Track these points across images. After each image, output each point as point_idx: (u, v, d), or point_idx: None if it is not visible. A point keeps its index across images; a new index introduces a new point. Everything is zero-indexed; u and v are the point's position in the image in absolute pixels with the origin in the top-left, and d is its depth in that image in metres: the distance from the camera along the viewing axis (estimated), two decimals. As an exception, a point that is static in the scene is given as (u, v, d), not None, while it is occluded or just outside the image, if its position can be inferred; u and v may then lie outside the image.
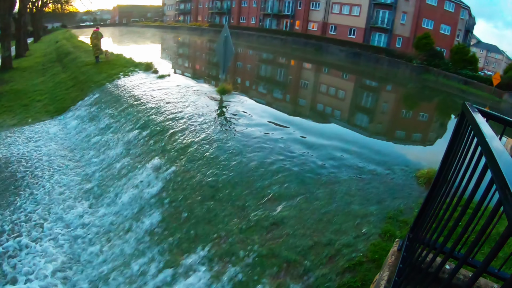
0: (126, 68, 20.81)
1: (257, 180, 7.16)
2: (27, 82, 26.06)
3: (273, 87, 21.50)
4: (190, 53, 43.68)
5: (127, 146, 10.82)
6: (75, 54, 31.16)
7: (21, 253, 7.49)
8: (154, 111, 12.18)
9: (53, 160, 12.07)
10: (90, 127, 14.00)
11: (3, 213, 8.97)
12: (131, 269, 6.44)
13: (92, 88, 18.50)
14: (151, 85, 16.15)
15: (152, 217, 7.42)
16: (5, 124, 16.78)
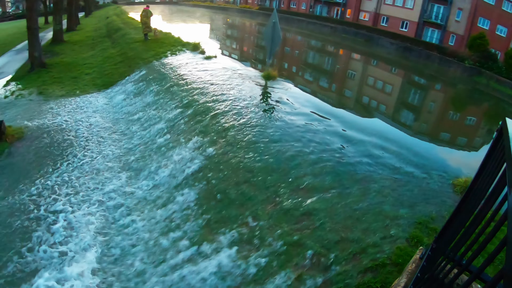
0: (174, 47, 21.05)
1: (293, 169, 7.15)
2: (77, 55, 26.85)
3: (319, 76, 21.26)
4: (238, 35, 43.63)
5: (170, 124, 11.02)
6: (124, 31, 31.74)
7: (63, 214, 7.95)
8: (198, 92, 12.31)
9: (97, 131, 12.50)
10: (135, 103, 14.35)
11: (49, 177, 9.52)
12: (161, 242, 6.65)
13: (139, 64, 18.89)
14: (197, 66, 16.28)
15: (188, 194, 7.59)
16: (54, 94, 17.50)
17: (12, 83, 20.88)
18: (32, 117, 14.35)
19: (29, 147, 11.63)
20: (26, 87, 19.42)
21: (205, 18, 66.19)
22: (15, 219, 8.04)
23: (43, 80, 20.38)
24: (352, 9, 54.06)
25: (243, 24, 60.55)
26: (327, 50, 38.33)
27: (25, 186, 9.34)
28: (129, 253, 6.69)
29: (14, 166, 10.58)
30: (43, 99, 16.99)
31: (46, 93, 17.91)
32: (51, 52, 27.78)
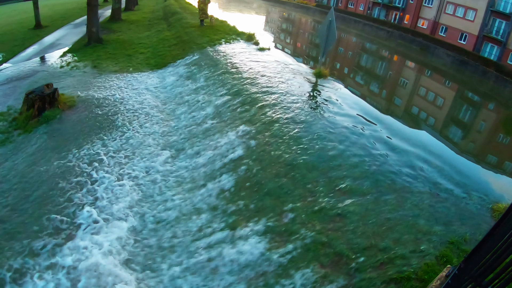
0: (228, 36, 21.26)
1: (333, 169, 7.15)
2: (133, 34, 27.60)
3: (370, 80, 20.99)
4: (293, 30, 43.59)
5: (217, 109, 11.21)
6: (181, 15, 32.26)
7: (104, 182, 8.43)
8: (248, 82, 12.43)
9: (146, 108, 12.89)
10: (186, 85, 14.64)
11: (95, 145, 10.08)
12: (195, 221, 6.88)
13: (193, 49, 19.19)
14: (250, 56, 16.40)
15: (227, 180, 7.74)
16: (107, 69, 18.17)
17: (69, 54, 21.87)
18: (85, 88, 14.99)
19: (79, 115, 12.21)
20: (81, 60, 20.27)
21: (261, 10, 66.31)
22: (59, 180, 8.57)
23: (98, 55, 21.19)
24: (410, 15, 52.15)
25: (299, 19, 60.32)
26: (381, 54, 37.65)
27: (71, 151, 9.91)
28: (162, 228, 6.98)
29: (63, 132, 11.20)
30: (97, 73, 17.69)
31: (100, 67, 18.62)
32: (108, 29, 28.75)
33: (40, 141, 10.81)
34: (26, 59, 22.80)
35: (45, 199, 7.94)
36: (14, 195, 8.27)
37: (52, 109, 12.32)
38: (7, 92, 16.30)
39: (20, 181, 8.80)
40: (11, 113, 13.03)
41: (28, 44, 27.27)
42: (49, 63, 21.03)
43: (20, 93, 15.12)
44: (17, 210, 7.70)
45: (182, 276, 5.80)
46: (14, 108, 13.37)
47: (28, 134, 11.32)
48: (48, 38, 29.67)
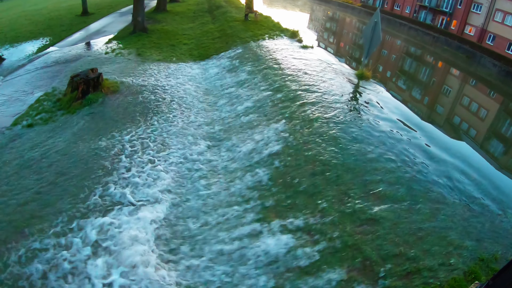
0: (272, 31, 21.35)
1: (369, 173, 7.11)
2: (177, 25, 28.03)
3: (412, 85, 20.59)
4: (336, 29, 43.18)
5: (258, 104, 11.33)
6: (226, 8, 32.55)
7: (141, 165, 8.76)
8: (290, 78, 12.48)
9: (187, 97, 13.15)
10: (227, 78, 14.83)
11: (135, 130, 10.46)
12: (227, 212, 6.99)
13: (236, 43, 19.42)
14: (293, 53, 16.40)
15: (263, 174, 7.81)
16: (151, 58, 18.57)
17: (114, 42, 22.54)
18: (128, 74, 15.45)
19: (122, 100, 12.62)
20: (126, 47, 20.81)
21: (305, 7, 65.95)
22: (97, 161, 8.94)
23: (143, 43, 21.70)
24: (458, 20, 50.05)
25: (343, 19, 59.61)
26: (425, 60, 36.70)
27: (111, 134, 10.28)
28: (194, 215, 7.13)
29: (105, 115, 11.63)
30: (141, 60, 18.14)
31: (144, 55, 19.07)
32: (153, 19, 29.35)
33: (82, 122, 11.27)
34: (72, 44, 23.69)
35: (82, 177, 8.30)
36: (54, 171, 8.70)
37: (96, 93, 12.81)
38: (53, 74, 17.07)
39: (60, 159, 9.24)
40: (55, 94, 13.65)
41: (74, 30, 28.32)
42: (94, 49, 21.74)
43: (65, 76, 15.83)
44: (56, 185, 8.12)
45: (208, 265, 5.92)
46: (59, 89, 14.00)
47: (70, 115, 11.82)
48: (94, 25, 30.66)
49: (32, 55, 21.74)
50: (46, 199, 7.63)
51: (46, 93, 13.87)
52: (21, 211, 7.32)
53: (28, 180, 8.44)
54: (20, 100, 14.07)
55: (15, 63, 20.18)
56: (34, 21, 33.78)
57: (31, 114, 12.16)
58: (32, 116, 12.01)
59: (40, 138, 10.57)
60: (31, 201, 7.66)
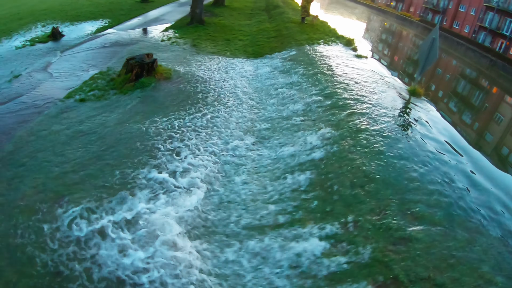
0: (328, 37, 21.30)
1: (409, 191, 7.02)
2: (234, 21, 28.53)
3: (463, 108, 20.03)
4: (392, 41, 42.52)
5: (307, 107, 11.39)
6: (283, 9, 32.70)
7: (184, 153, 9.03)
8: (341, 86, 12.46)
9: (238, 93, 13.45)
10: (279, 78, 14.94)
11: (183, 117, 10.86)
12: (262, 209, 7.11)
13: (291, 44, 19.51)
14: (346, 61, 16.35)
15: (303, 177, 7.85)
16: (205, 50, 19.04)
17: (170, 30, 23.26)
18: (182, 63, 15.95)
19: (173, 87, 13.06)
20: (182, 37, 21.42)
21: (362, 16, 65.29)
22: (143, 142, 9.32)
23: (199, 35, 22.28)
24: None
25: (399, 31, 58.58)
26: (480, 83, 35.49)
27: (159, 118, 10.66)
28: (229, 208, 7.32)
29: (155, 99, 12.07)
30: (195, 51, 18.61)
31: (199, 47, 19.56)
32: (211, 13, 30.06)
33: (132, 103, 11.76)
34: (130, 29, 24.61)
35: (126, 155, 8.72)
36: (100, 146, 9.19)
37: (149, 77, 13.32)
38: (109, 55, 17.82)
39: (108, 135, 9.72)
40: (109, 74, 14.32)
41: (133, 15, 29.44)
42: (150, 35, 22.49)
43: (120, 58, 16.58)
44: (99, 159, 8.57)
45: (236, 258, 6.06)
46: (113, 69, 14.68)
47: (122, 95, 12.36)
48: (152, 12, 31.72)
49: (90, 35, 22.70)
50: (89, 172, 8.09)
51: (100, 72, 14.55)
52: (63, 178, 7.83)
53: (75, 151, 8.96)
54: (75, 76, 14.78)
55: (73, 41, 21.12)
56: (95, 3, 35.19)
57: (84, 90, 12.80)
58: (85, 92, 12.64)
59: (90, 113, 11.11)
60: (74, 170, 8.14)
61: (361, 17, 62.09)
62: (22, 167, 8.32)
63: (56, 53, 18.49)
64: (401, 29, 61.95)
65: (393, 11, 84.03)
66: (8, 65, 16.13)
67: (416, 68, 14.85)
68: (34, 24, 25.44)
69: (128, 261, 5.74)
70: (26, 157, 8.73)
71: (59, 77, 14.62)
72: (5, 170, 8.21)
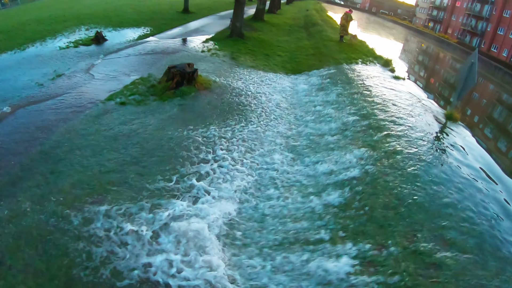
0: (366, 57, 21.52)
1: (442, 217, 7.02)
2: (272, 36, 28.88)
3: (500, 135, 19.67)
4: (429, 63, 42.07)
5: (343, 127, 11.54)
6: (321, 27, 33.04)
7: (220, 162, 9.44)
8: (378, 107, 12.61)
9: (275, 107, 13.78)
10: (317, 96, 15.18)
11: (221, 127, 11.27)
12: (293, 225, 7.24)
13: (329, 62, 19.77)
14: (384, 82, 16.48)
15: (336, 196, 7.93)
16: (244, 63, 19.42)
17: (211, 42, 23.65)
18: (221, 75, 16.32)
19: (212, 98, 13.44)
20: (222, 49, 21.76)
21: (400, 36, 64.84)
22: (180, 149, 9.69)
23: (238, 48, 22.64)
24: None
25: (437, 53, 57.78)
26: (518, 109, 34.90)
27: (197, 127, 11.05)
28: (262, 220, 7.50)
29: (194, 108, 12.43)
30: (235, 64, 18.98)
31: (238, 60, 19.94)
32: (250, 27, 30.49)
33: (172, 110, 12.13)
34: (171, 38, 25.25)
35: (164, 160, 9.08)
36: (138, 149, 9.54)
37: (189, 86, 13.74)
38: (150, 62, 18.33)
39: (146, 139, 10.08)
40: (150, 80, 14.73)
41: (174, 25, 30.21)
42: (190, 45, 22.99)
43: (160, 65, 17.04)
44: (136, 163, 8.90)
45: (261, 269, 6.18)
46: (154, 76, 15.10)
47: (162, 102, 12.74)
48: (193, 23, 32.45)
49: (132, 41, 23.55)
50: (126, 173, 8.46)
51: (141, 78, 15.06)
52: (100, 177, 8.22)
53: (113, 152, 9.34)
54: (117, 79, 15.34)
55: (116, 46, 21.94)
56: (138, 11, 36.40)
57: (125, 94, 13.27)
58: (126, 96, 13.11)
59: (130, 116, 11.50)
60: (111, 171, 8.51)
61: (398, 37, 61.69)
62: (60, 162, 8.74)
63: (99, 56, 19.29)
64: (438, 50, 61.10)
65: (430, 32, 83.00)
66: (52, 64, 17.01)
67: (453, 91, 14.82)
68: (78, 27, 26.66)
69: (156, 261, 6.04)
70: (65, 153, 9.16)
71: (100, 80, 15.27)
72: (44, 163, 8.66)
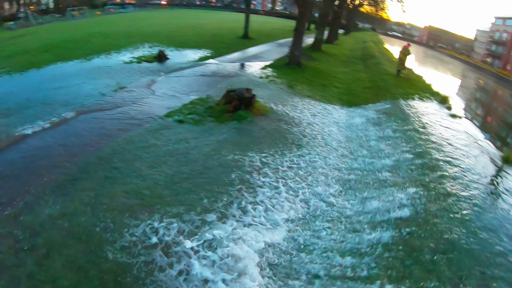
0: (423, 92, 21.35)
1: (491, 266, 6.80)
2: (330, 67, 29.32)
3: None
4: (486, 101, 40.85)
5: (397, 164, 11.49)
6: (379, 60, 33.06)
7: (270, 188, 9.71)
8: (434, 146, 12.48)
9: (329, 139, 13.97)
10: (371, 131, 15.26)
11: (273, 154, 11.60)
12: (338, 260, 7.22)
13: (386, 97, 19.82)
14: (440, 120, 16.31)
15: (384, 235, 7.83)
16: (301, 92, 19.92)
17: (269, 69, 24.49)
18: (278, 102, 16.82)
19: (268, 124, 13.86)
20: (279, 77, 22.43)
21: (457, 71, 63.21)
22: (234, 173, 10.04)
23: (295, 77, 23.20)
24: None
25: (495, 91, 55.74)
26: None
27: (251, 152, 11.46)
28: (305, 252, 7.55)
29: (250, 133, 12.89)
30: (291, 92, 19.51)
31: (295, 88, 20.46)
32: (308, 56, 31.15)
33: (228, 133, 12.60)
34: (230, 61, 26.55)
35: (215, 182, 9.45)
36: (192, 168, 10.02)
37: (246, 111, 14.27)
38: (209, 83, 19.25)
39: (200, 159, 10.55)
40: (208, 101, 15.51)
41: (234, 50, 31.73)
42: (248, 71, 23.91)
43: (219, 88, 17.89)
44: (188, 181, 9.35)
45: None
46: (212, 98, 15.90)
47: (219, 124, 13.31)
48: (252, 49, 33.89)
49: (193, 62, 24.98)
50: (178, 189, 8.90)
51: (200, 98, 15.91)
52: (152, 189, 8.71)
53: (168, 167, 9.89)
54: (176, 97, 16.29)
55: (177, 65, 23.50)
56: (199, 33, 38.39)
57: (183, 112, 14.06)
58: (184, 114, 13.88)
59: (187, 135, 12.12)
60: (164, 185, 9.00)
61: (455, 73, 60.14)
62: (116, 170, 9.46)
63: (160, 73, 20.61)
64: (496, 88, 58.85)
65: (489, 68, 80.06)
66: (115, 77, 18.40)
67: (510, 132, 14.49)
68: (142, 44, 28.59)
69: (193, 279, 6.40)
70: (121, 162, 9.90)
71: (160, 96, 16.30)
72: (101, 169, 9.43)
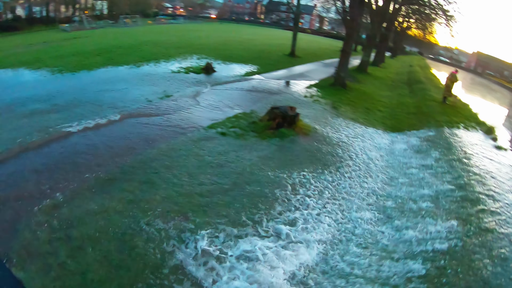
0: (468, 121, 20.97)
1: None
2: (374, 89, 29.29)
3: None
4: (533, 133, 39.38)
5: (437, 194, 11.29)
6: (424, 85, 32.64)
7: (308, 210, 9.87)
8: (476, 178, 12.19)
9: (370, 164, 14.01)
10: (413, 158, 15.08)
11: (312, 175, 11.76)
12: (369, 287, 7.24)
13: (430, 124, 19.59)
14: (485, 151, 15.98)
15: (418, 266, 7.71)
16: (344, 114, 20.01)
17: (314, 88, 24.82)
18: (321, 122, 17.05)
19: (310, 144, 14.06)
20: (324, 97, 22.68)
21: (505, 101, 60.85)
22: (272, 190, 10.26)
23: (340, 98, 23.37)
24: None
25: (544, 121, 53.62)
26: None
27: (292, 171, 11.67)
28: (336, 275, 7.61)
29: (292, 152, 13.10)
30: (335, 113, 19.64)
31: (338, 109, 20.60)
32: (353, 78, 31.29)
33: (269, 149, 12.87)
34: (275, 78, 26.97)
35: (253, 196, 9.73)
36: (231, 180, 10.32)
37: (289, 129, 14.53)
38: (253, 99, 19.68)
39: (240, 173, 10.85)
40: (252, 116, 15.88)
41: (280, 67, 32.22)
42: (293, 89, 24.22)
43: (263, 104, 18.25)
44: (226, 193, 9.64)
45: None
46: (256, 113, 16.28)
47: (261, 140, 13.59)
48: (298, 67, 34.27)
49: (239, 76, 25.63)
50: (216, 200, 9.19)
51: (244, 113, 16.31)
52: (190, 198, 9.02)
53: (207, 178, 10.22)
54: (220, 110, 16.76)
55: (223, 78, 24.17)
56: (247, 48, 39.22)
57: (226, 125, 14.45)
58: (227, 127, 14.27)
59: (228, 147, 12.46)
60: (202, 194, 9.30)
61: (503, 102, 57.97)
62: (156, 175, 9.86)
63: (207, 85, 21.26)
64: (546, 118, 56.54)
65: (534, 98, 77.16)
66: (162, 85, 19.12)
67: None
68: (190, 55, 29.56)
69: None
70: (162, 168, 10.31)
71: (205, 107, 16.83)
72: (141, 173, 9.86)
